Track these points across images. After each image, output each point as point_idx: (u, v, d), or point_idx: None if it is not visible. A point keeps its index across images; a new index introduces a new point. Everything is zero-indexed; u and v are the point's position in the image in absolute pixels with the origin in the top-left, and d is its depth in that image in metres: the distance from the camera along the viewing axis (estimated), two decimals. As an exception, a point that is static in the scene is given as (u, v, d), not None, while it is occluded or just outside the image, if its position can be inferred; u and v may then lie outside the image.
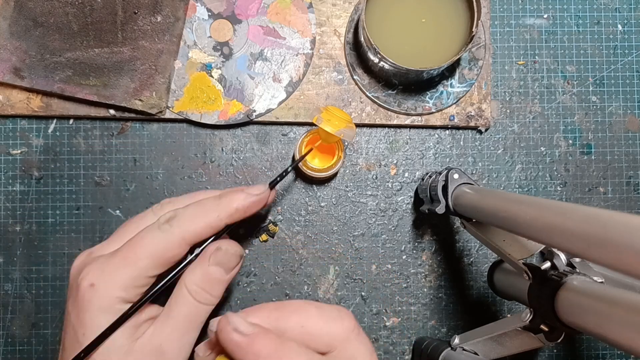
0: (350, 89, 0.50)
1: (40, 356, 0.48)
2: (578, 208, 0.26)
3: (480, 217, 0.37)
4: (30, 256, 0.49)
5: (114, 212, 0.50)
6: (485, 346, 0.40)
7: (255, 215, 0.36)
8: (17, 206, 0.49)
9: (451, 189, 0.42)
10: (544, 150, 0.51)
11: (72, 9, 0.47)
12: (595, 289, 0.29)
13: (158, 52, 0.48)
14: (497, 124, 0.51)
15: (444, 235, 0.51)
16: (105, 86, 0.47)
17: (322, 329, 0.26)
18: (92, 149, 0.50)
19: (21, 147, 0.49)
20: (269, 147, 0.50)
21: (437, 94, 0.49)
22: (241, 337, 0.24)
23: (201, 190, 0.39)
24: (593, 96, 0.51)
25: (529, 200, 0.31)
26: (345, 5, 0.50)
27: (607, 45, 0.51)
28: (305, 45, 0.49)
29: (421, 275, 0.51)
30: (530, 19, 0.51)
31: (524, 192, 0.51)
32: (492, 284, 0.46)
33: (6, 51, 0.46)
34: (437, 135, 0.51)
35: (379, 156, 0.51)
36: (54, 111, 0.48)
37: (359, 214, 0.51)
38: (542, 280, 0.34)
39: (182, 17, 0.48)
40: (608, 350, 0.50)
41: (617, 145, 0.51)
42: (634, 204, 0.51)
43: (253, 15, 0.49)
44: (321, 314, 0.27)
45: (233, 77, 0.49)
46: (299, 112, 0.49)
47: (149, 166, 0.50)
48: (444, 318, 0.50)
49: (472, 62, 0.50)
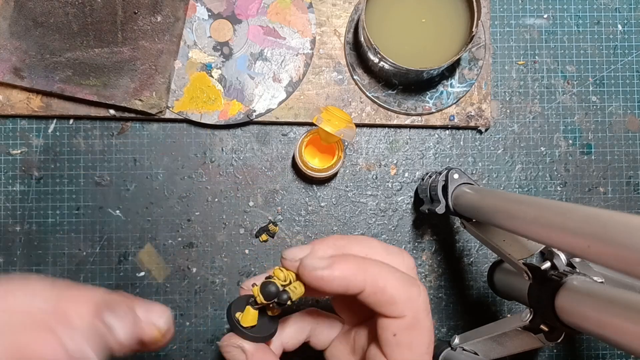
0: (350, 89, 0.50)
1: (40, 356, 0.48)
2: (578, 208, 0.26)
3: (480, 217, 0.37)
4: (30, 256, 0.49)
5: (114, 212, 0.50)
6: (485, 346, 0.40)
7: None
8: (17, 206, 0.49)
9: (451, 189, 0.42)
10: (544, 150, 0.51)
11: (72, 9, 0.47)
12: (595, 289, 0.29)
13: (158, 52, 0.48)
14: (497, 124, 0.51)
15: (444, 235, 0.51)
16: (105, 86, 0.47)
17: (385, 260, 0.27)
18: (92, 149, 0.50)
19: (21, 147, 0.49)
20: (269, 147, 0.50)
21: (437, 94, 0.49)
22: (322, 271, 0.25)
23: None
24: (593, 96, 0.51)
25: (529, 200, 0.31)
26: (345, 5, 0.50)
27: (607, 45, 0.51)
28: (305, 45, 0.49)
29: (421, 275, 0.51)
30: (530, 19, 0.51)
31: (524, 192, 0.51)
32: (492, 284, 0.46)
33: (6, 51, 0.46)
34: (437, 135, 0.51)
35: (379, 156, 0.51)
36: (54, 111, 0.48)
37: (359, 214, 0.51)
38: (542, 280, 0.34)
39: (182, 17, 0.48)
40: (608, 350, 0.50)
41: (617, 145, 0.51)
42: (634, 204, 0.51)
43: (253, 15, 0.49)
44: (385, 247, 0.28)
45: (233, 77, 0.49)
46: (299, 112, 0.49)
47: (149, 166, 0.50)
48: (444, 318, 0.50)
49: (472, 62, 0.49)
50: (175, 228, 0.50)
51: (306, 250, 0.27)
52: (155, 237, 0.50)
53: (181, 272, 0.50)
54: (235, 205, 0.50)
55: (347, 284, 0.25)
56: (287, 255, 0.27)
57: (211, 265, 0.50)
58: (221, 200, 0.50)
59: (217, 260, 0.50)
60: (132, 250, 0.49)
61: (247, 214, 0.50)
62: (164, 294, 0.49)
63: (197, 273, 0.50)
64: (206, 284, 0.50)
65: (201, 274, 0.50)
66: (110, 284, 0.49)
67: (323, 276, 0.25)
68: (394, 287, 0.26)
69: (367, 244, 0.28)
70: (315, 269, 0.25)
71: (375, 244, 0.28)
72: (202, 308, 0.50)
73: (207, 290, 0.50)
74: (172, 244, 0.50)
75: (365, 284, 0.25)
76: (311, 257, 0.26)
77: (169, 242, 0.50)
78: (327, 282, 0.25)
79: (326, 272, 0.25)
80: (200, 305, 0.50)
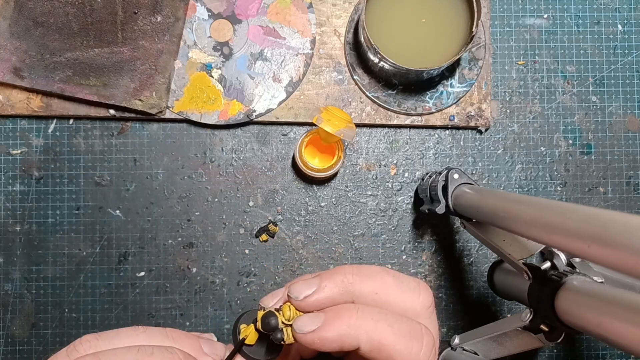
0: (350, 89, 0.50)
1: (40, 356, 0.48)
2: (578, 208, 0.26)
3: (480, 217, 0.37)
4: (30, 256, 0.49)
5: (114, 212, 0.50)
6: (485, 346, 0.40)
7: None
8: (17, 206, 0.49)
9: (451, 189, 0.42)
10: (544, 150, 0.51)
11: (72, 9, 0.47)
12: (595, 289, 0.29)
13: (158, 52, 0.48)
14: (497, 124, 0.51)
15: (444, 235, 0.51)
16: (105, 86, 0.47)
17: (397, 299, 0.25)
18: (92, 149, 0.50)
19: (21, 147, 0.49)
20: (269, 147, 0.50)
21: (437, 94, 0.49)
22: (313, 335, 0.24)
23: (130, 327, 0.28)
24: (593, 96, 0.51)
25: (529, 200, 0.31)
26: (345, 5, 0.50)
27: (607, 45, 0.51)
28: (305, 45, 0.49)
29: (421, 275, 0.51)
30: (530, 19, 0.51)
31: (524, 192, 0.51)
32: (492, 284, 0.46)
33: (6, 51, 0.46)
34: (437, 135, 0.51)
35: (379, 156, 0.51)
36: (54, 111, 0.48)
37: (359, 214, 0.51)
38: (542, 280, 0.34)
39: (182, 17, 0.48)
40: (608, 350, 0.50)
41: (617, 145, 0.51)
42: (634, 204, 0.51)
43: (253, 15, 0.49)
44: (399, 283, 0.26)
45: (233, 77, 0.49)
46: (299, 112, 0.49)
47: (149, 166, 0.50)
48: (444, 318, 0.50)
49: (472, 62, 0.49)
50: (175, 228, 0.50)
51: (313, 286, 0.25)
52: (155, 237, 0.50)
53: (181, 272, 0.50)
54: (235, 205, 0.50)
55: (340, 344, 0.24)
56: (292, 294, 0.25)
57: (211, 265, 0.50)
58: (221, 200, 0.50)
59: (217, 260, 0.50)
60: (132, 250, 0.49)
61: (247, 214, 0.50)
62: (164, 294, 0.49)
63: (197, 273, 0.50)
64: (206, 284, 0.50)
65: (201, 274, 0.50)
66: (110, 284, 0.49)
67: (314, 341, 0.24)
68: (392, 344, 0.24)
69: (379, 280, 0.25)
70: (305, 333, 0.24)
71: (388, 280, 0.25)
72: (202, 308, 0.50)
73: (207, 290, 0.50)
74: (172, 244, 0.50)
75: (360, 341, 0.24)
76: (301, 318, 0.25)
77: (169, 242, 0.50)
78: (320, 346, 0.24)
79: (316, 335, 0.24)
80: (200, 305, 0.50)
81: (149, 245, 0.50)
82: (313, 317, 0.24)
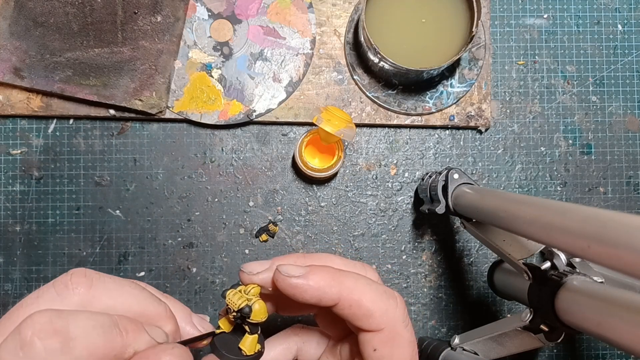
0: (350, 89, 0.50)
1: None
2: (578, 208, 0.26)
3: (480, 217, 0.37)
4: (30, 256, 0.49)
5: (114, 212, 0.50)
6: (485, 346, 0.40)
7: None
8: (17, 206, 0.49)
9: (451, 189, 0.42)
10: (544, 150, 0.51)
11: (72, 9, 0.47)
12: (595, 289, 0.29)
13: (158, 52, 0.48)
14: (497, 124, 0.51)
15: (444, 235, 0.51)
16: (105, 86, 0.47)
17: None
18: (92, 149, 0.50)
19: (21, 147, 0.49)
20: (269, 147, 0.50)
21: (437, 94, 0.49)
22: (297, 279, 0.25)
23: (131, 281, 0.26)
24: (593, 96, 0.51)
25: (529, 200, 0.31)
26: (345, 5, 0.50)
27: (607, 45, 0.51)
28: (305, 45, 0.49)
29: (421, 275, 0.51)
30: (530, 19, 0.51)
31: (524, 192, 0.51)
32: (492, 284, 0.46)
33: (6, 51, 0.46)
34: (437, 135, 0.51)
35: (379, 156, 0.51)
36: (54, 111, 0.48)
37: (359, 214, 0.51)
38: (542, 280, 0.34)
39: (182, 17, 0.48)
40: (608, 350, 0.50)
41: (617, 145, 0.51)
42: (634, 204, 0.51)
43: (253, 15, 0.49)
44: (345, 262, 0.28)
45: (233, 77, 0.49)
46: (299, 112, 0.49)
47: (149, 166, 0.50)
48: (444, 318, 0.50)
49: (472, 62, 0.49)
50: (175, 228, 0.50)
51: (265, 265, 0.27)
52: (155, 237, 0.50)
53: (181, 272, 0.50)
54: (235, 205, 0.50)
55: (320, 295, 0.25)
56: (245, 268, 0.27)
57: (211, 265, 0.50)
58: (221, 200, 0.50)
59: (217, 260, 0.50)
60: (132, 250, 0.49)
61: (247, 214, 0.50)
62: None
63: (197, 273, 0.50)
64: (206, 284, 0.50)
65: (201, 274, 0.50)
66: (110, 284, 0.49)
67: (297, 284, 0.25)
68: (370, 299, 0.25)
69: (327, 260, 0.27)
70: (290, 276, 0.25)
71: (336, 260, 0.27)
72: (202, 308, 0.50)
73: (207, 290, 0.50)
74: (172, 244, 0.50)
75: (340, 296, 0.25)
76: (287, 265, 0.26)
77: (169, 242, 0.50)
78: (301, 292, 0.25)
79: (301, 280, 0.25)
80: (200, 305, 0.50)
81: (149, 245, 0.50)
82: (297, 267, 0.25)
